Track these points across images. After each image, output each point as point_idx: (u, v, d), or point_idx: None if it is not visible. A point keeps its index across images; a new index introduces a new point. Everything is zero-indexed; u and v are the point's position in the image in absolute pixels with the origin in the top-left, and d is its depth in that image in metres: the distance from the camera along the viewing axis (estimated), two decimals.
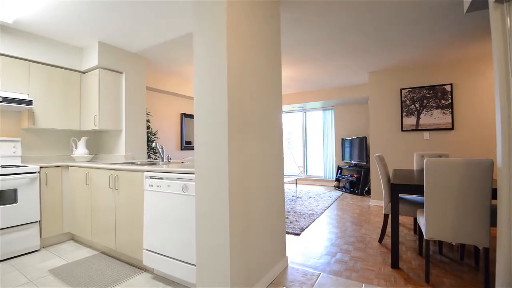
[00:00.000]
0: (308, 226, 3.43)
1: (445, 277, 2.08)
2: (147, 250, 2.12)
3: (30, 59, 2.94)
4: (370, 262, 2.36)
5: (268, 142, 2.10)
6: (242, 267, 1.72)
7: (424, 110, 4.28)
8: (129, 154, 3.45)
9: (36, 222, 2.66)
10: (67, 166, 2.96)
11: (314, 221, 3.66)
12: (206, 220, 1.71)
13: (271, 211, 2.11)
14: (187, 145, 5.67)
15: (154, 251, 2.07)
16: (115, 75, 3.42)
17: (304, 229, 3.29)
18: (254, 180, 1.89)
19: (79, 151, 3.25)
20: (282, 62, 4.18)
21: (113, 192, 2.45)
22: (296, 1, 2.41)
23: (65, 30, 2.91)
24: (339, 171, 6.57)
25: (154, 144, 3.00)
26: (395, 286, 1.96)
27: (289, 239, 2.95)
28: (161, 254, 2.03)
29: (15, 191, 2.52)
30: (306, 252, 2.59)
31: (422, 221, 2.09)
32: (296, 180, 5.51)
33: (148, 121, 4.42)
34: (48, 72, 3.09)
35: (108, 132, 3.61)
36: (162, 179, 2.04)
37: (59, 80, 3.20)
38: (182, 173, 1.94)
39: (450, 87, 4.11)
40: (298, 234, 3.10)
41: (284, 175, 3.10)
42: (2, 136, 2.89)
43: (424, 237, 1.98)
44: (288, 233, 3.15)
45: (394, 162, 4.53)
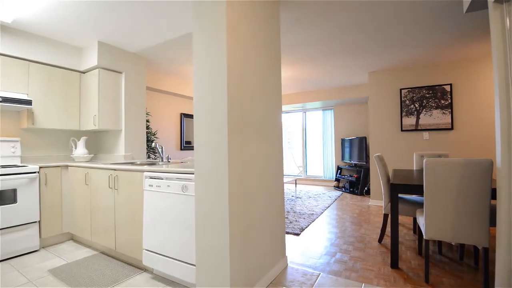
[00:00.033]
0: (308, 226, 3.43)
1: (444, 277, 2.08)
2: (147, 250, 2.12)
3: (30, 59, 2.94)
4: (370, 262, 2.36)
5: (268, 142, 2.10)
6: (242, 267, 1.72)
7: (424, 110, 4.28)
8: (128, 154, 3.44)
9: (35, 222, 2.65)
10: (66, 166, 2.96)
11: (313, 221, 3.66)
12: (206, 220, 1.71)
13: (271, 211, 2.11)
14: (186, 145, 5.67)
15: (153, 251, 2.07)
16: (115, 75, 3.42)
17: (304, 229, 3.30)
18: (254, 180, 1.89)
19: (79, 151, 3.25)
20: (282, 62, 4.18)
21: (112, 192, 2.45)
22: (296, 1, 2.41)
23: (65, 30, 2.91)
24: (339, 171, 6.57)
25: (153, 144, 3.00)
26: (395, 286, 1.96)
27: (288, 239, 2.96)
28: (160, 254, 2.03)
29: (14, 191, 2.52)
30: (305, 252, 2.60)
31: (421, 221, 2.09)
32: (295, 180, 5.52)
33: (147, 121, 4.42)
34: (47, 72, 3.09)
35: (108, 132, 3.61)
36: (162, 179, 2.04)
37: (58, 80, 3.19)
38: (181, 173, 1.94)
39: (450, 87, 4.11)
40: (298, 234, 3.10)
41: (284, 175, 3.10)
42: (1, 136, 2.89)
43: (424, 237, 1.98)
44: (288, 233, 3.15)
45: (393, 162, 4.53)
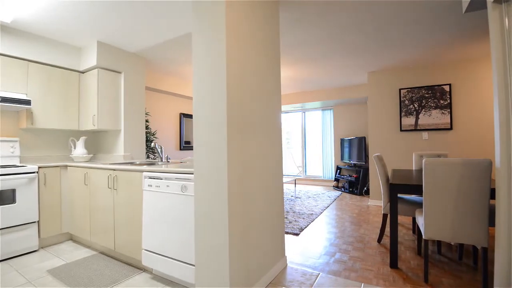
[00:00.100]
0: (307, 226, 3.43)
1: (443, 276, 2.08)
2: (146, 250, 2.11)
3: (29, 59, 2.93)
4: (369, 262, 2.36)
5: (268, 142, 2.10)
6: (242, 267, 1.72)
7: (423, 110, 4.29)
8: (128, 154, 3.44)
9: (34, 222, 2.65)
10: (65, 166, 2.96)
11: (313, 221, 3.66)
12: (205, 220, 1.71)
13: (270, 211, 2.11)
14: (186, 145, 5.67)
15: (153, 251, 2.07)
16: (114, 75, 3.42)
17: (303, 229, 3.30)
18: (254, 180, 1.89)
19: (78, 151, 3.24)
20: (282, 62, 4.18)
21: (112, 192, 2.45)
22: (296, 1, 2.41)
23: (64, 30, 2.90)
24: (338, 171, 6.58)
25: (153, 144, 2.99)
26: (394, 285, 1.96)
27: (288, 239, 2.96)
28: (160, 254, 2.03)
29: (13, 191, 2.51)
30: (305, 252, 2.60)
31: (420, 221, 2.09)
32: (295, 180, 5.52)
33: (147, 121, 4.41)
34: (46, 72, 3.08)
35: (107, 132, 3.60)
36: (161, 179, 2.04)
37: (58, 80, 3.19)
38: (181, 173, 1.94)
39: (449, 87, 4.12)
40: (297, 234, 3.10)
41: (283, 175, 3.10)
42: (0, 136, 2.88)
43: (423, 237, 1.98)
44: (287, 233, 3.15)
45: (393, 162, 4.54)
